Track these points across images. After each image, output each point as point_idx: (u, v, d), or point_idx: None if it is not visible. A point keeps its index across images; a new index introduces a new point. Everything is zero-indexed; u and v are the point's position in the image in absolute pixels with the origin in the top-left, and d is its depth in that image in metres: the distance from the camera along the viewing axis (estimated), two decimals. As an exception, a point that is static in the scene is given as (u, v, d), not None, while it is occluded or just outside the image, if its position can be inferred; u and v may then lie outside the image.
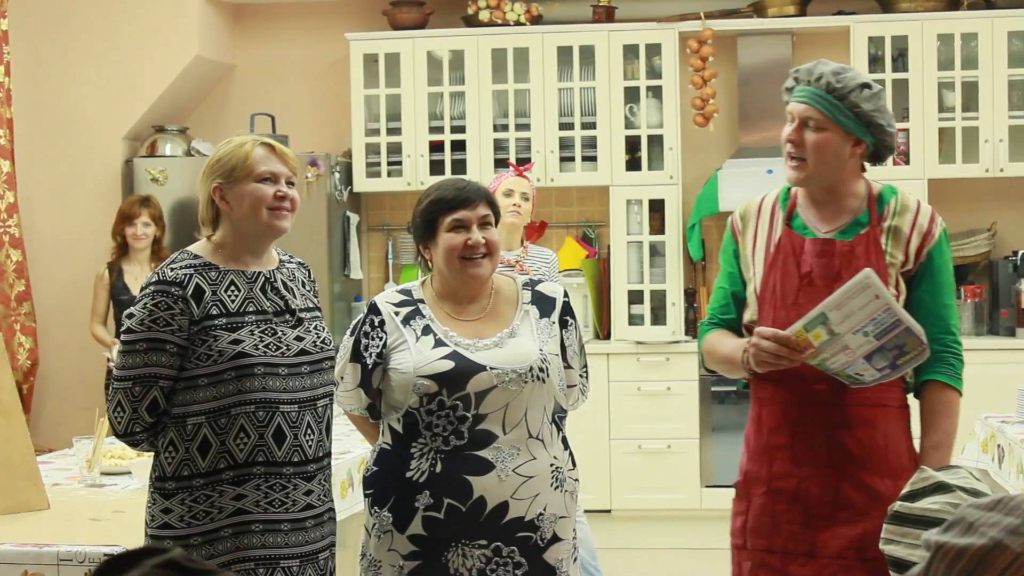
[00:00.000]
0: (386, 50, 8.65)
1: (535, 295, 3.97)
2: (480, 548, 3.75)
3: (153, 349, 3.58)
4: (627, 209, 8.49)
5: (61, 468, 5.10)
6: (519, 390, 3.77)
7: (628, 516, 8.23)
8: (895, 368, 3.42)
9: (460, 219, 3.84)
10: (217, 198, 3.70)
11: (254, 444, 3.61)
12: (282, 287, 3.77)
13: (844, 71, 3.73)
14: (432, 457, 3.75)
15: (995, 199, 8.60)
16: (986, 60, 8.23)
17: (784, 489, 3.70)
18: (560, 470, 3.86)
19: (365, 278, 8.96)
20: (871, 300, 3.40)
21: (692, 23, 8.46)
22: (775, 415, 3.74)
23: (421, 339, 3.81)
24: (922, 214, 3.77)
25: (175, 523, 3.60)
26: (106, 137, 8.68)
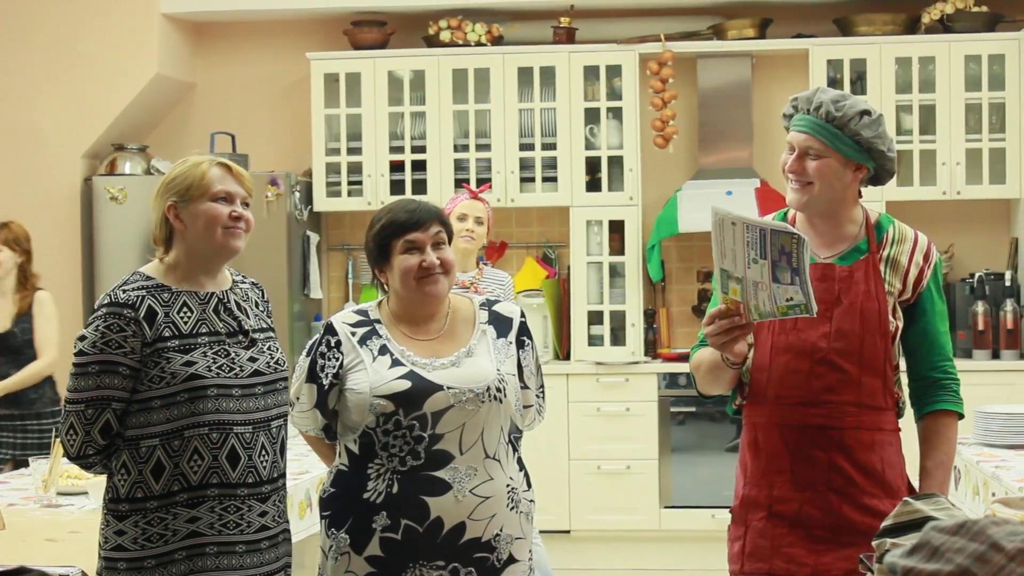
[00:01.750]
0: (347, 70, 8.65)
1: (492, 315, 3.96)
2: (438, 569, 3.74)
3: (105, 372, 3.55)
4: (587, 230, 8.51)
5: (17, 488, 5.06)
6: (476, 410, 3.76)
7: (587, 537, 8.24)
8: (798, 272, 3.34)
9: (413, 241, 3.82)
10: (172, 217, 3.67)
11: (208, 466, 3.59)
12: (235, 308, 3.75)
13: (843, 99, 3.71)
14: (389, 478, 3.74)
15: (952, 222, 8.65)
16: (943, 84, 8.30)
17: (784, 513, 3.69)
18: (516, 491, 3.85)
19: (325, 297, 8.94)
20: (732, 229, 3.38)
21: (652, 45, 8.49)
22: (773, 440, 3.72)
23: (378, 359, 3.80)
24: (919, 246, 3.82)
25: (128, 545, 3.57)
26: (65, 155, 8.64)
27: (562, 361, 8.55)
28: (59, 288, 8.56)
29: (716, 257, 3.45)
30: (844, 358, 3.67)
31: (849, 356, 3.68)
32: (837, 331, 3.67)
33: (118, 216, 8.44)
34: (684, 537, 8.14)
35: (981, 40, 8.33)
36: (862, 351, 3.69)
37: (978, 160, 8.33)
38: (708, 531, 7.91)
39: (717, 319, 3.50)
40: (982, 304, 8.25)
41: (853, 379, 3.69)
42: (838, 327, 3.68)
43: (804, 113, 3.73)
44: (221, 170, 3.71)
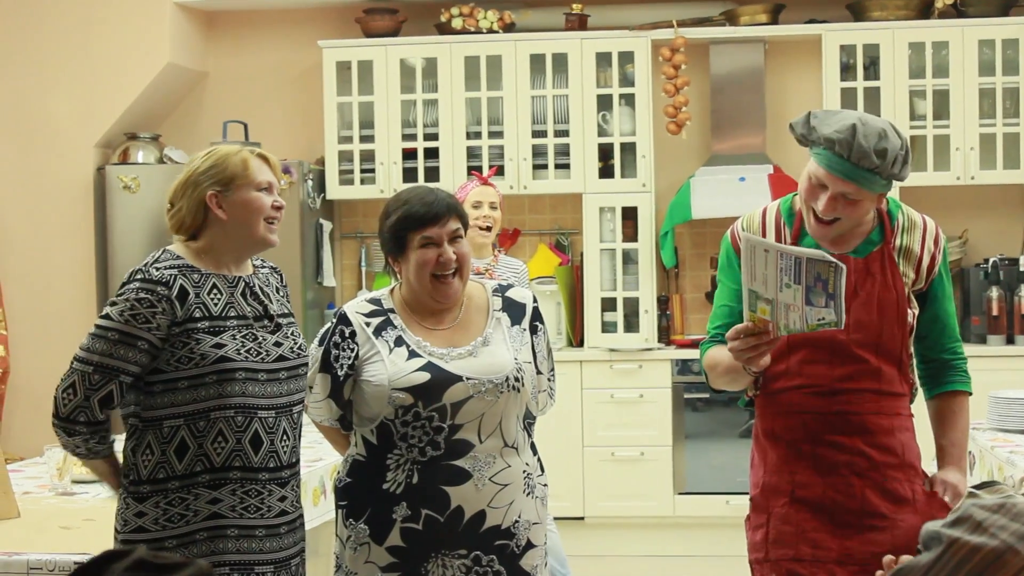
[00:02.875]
0: (359, 58, 8.65)
1: (505, 301, 3.96)
2: (460, 558, 3.75)
3: (124, 343, 3.55)
4: (600, 216, 8.51)
5: (32, 476, 5.08)
6: (495, 400, 3.76)
7: (601, 523, 8.24)
8: (833, 297, 3.34)
9: (431, 236, 3.80)
10: (213, 205, 3.69)
11: (231, 449, 3.61)
12: (260, 292, 3.77)
13: (882, 141, 3.54)
14: (408, 468, 3.74)
15: (966, 207, 8.63)
16: (957, 68, 8.27)
17: (808, 498, 3.68)
18: (531, 476, 3.87)
19: (338, 285, 8.94)
20: (764, 256, 3.38)
21: (665, 31, 8.48)
22: (794, 428, 3.72)
23: (395, 350, 3.78)
24: (929, 232, 3.80)
25: (149, 526, 3.59)
26: (78, 144, 8.65)
27: (576, 348, 8.55)
28: (73, 277, 8.61)
29: (746, 279, 3.45)
30: (863, 349, 3.68)
31: (867, 347, 3.69)
32: (856, 322, 3.66)
33: (131, 205, 8.44)
34: (698, 523, 8.13)
35: (995, 24, 8.30)
36: (880, 341, 3.70)
37: (992, 145, 8.30)
38: (722, 517, 7.91)
39: (743, 335, 3.49)
40: (996, 289, 8.23)
41: (872, 368, 3.69)
42: (856, 318, 3.66)
43: (843, 159, 3.55)
44: (260, 160, 3.76)
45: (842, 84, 8.36)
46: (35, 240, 8.67)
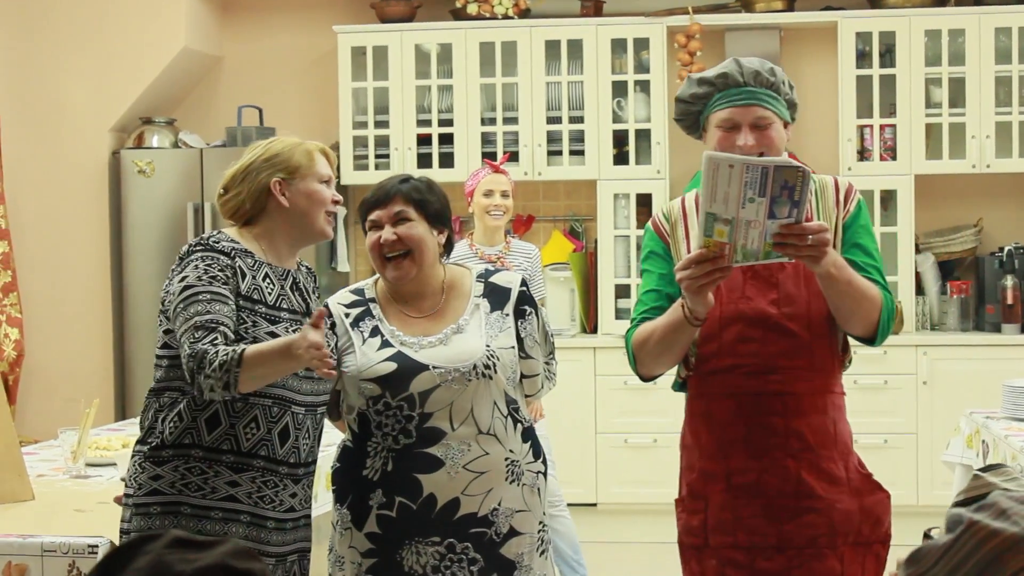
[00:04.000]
0: (374, 43, 8.65)
1: (488, 287, 3.93)
2: (433, 545, 3.75)
3: (216, 300, 3.52)
4: (614, 203, 8.50)
5: (46, 459, 5.10)
6: (463, 388, 3.76)
7: (614, 510, 8.24)
8: (798, 204, 3.35)
9: (375, 219, 3.85)
10: (278, 192, 3.71)
11: (261, 437, 3.63)
12: (303, 289, 3.82)
13: (765, 63, 3.70)
14: (384, 456, 3.76)
15: (982, 195, 8.61)
16: (973, 56, 8.25)
17: (744, 484, 3.67)
18: (517, 463, 3.84)
19: (352, 271, 8.95)
20: (728, 172, 3.35)
21: (680, 18, 8.46)
22: (728, 410, 3.70)
23: (368, 341, 3.81)
24: (841, 188, 3.79)
25: (165, 489, 3.59)
26: (93, 128, 8.67)
27: (589, 335, 8.54)
28: (88, 261, 8.63)
29: (704, 202, 3.38)
30: (794, 322, 3.65)
31: (798, 320, 3.65)
32: (785, 296, 3.66)
33: (146, 189, 8.46)
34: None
35: (1011, 12, 8.27)
36: (810, 314, 3.66)
37: (1008, 133, 8.28)
38: (735, 505, 7.90)
39: (696, 263, 3.40)
40: (1011, 278, 8.20)
41: (804, 343, 3.66)
42: (785, 292, 3.66)
43: (739, 86, 3.66)
44: (322, 155, 3.81)
45: (858, 71, 8.34)
46: (50, 224, 8.69)
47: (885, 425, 7.88)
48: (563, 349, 8.37)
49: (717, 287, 3.56)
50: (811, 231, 3.37)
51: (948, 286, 8.34)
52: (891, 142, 8.32)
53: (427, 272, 3.88)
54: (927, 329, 8.33)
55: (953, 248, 8.41)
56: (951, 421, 6.60)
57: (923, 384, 7.90)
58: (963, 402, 6.85)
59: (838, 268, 3.52)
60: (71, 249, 8.67)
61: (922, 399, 7.94)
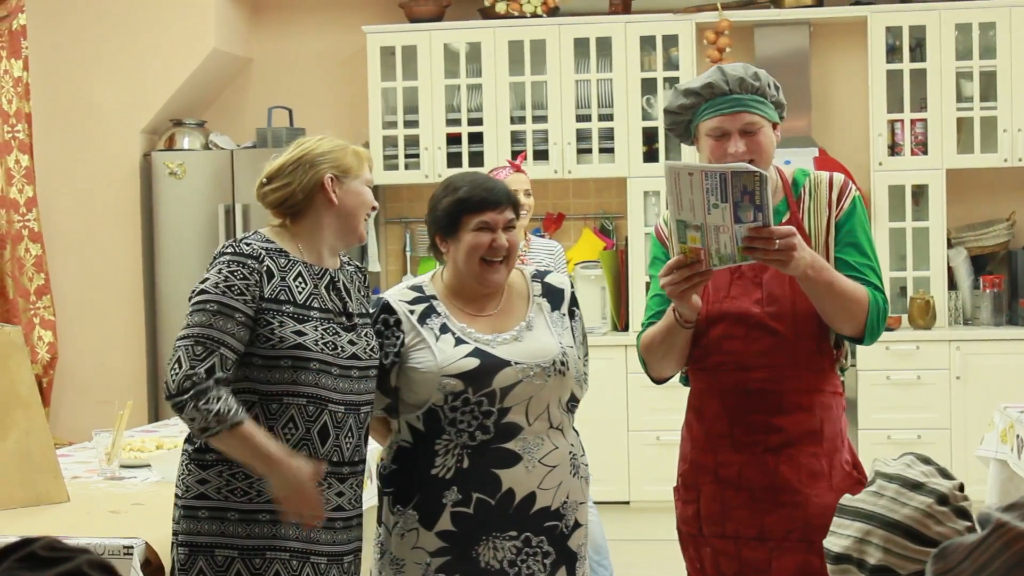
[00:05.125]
0: (403, 43, 8.66)
1: (545, 287, 3.98)
2: (511, 540, 3.77)
3: (222, 314, 3.55)
4: (644, 200, 8.49)
5: (81, 461, 5.11)
6: (543, 383, 3.79)
7: (646, 508, 8.23)
8: (761, 208, 3.37)
9: (487, 221, 3.82)
10: (330, 187, 3.72)
11: (301, 437, 3.62)
12: (342, 288, 3.80)
13: (748, 68, 3.75)
14: (458, 453, 3.76)
15: (1014, 189, 8.57)
16: (1004, 49, 8.21)
17: (728, 477, 3.75)
18: (576, 457, 3.90)
19: (383, 271, 8.96)
20: (689, 180, 3.38)
21: (709, 14, 8.45)
22: (715, 404, 3.78)
23: (441, 338, 3.80)
24: (835, 186, 3.79)
25: (212, 494, 3.61)
26: (124, 131, 8.70)
27: (620, 332, 8.54)
28: (120, 263, 8.66)
29: (672, 210, 3.43)
30: (777, 321, 3.68)
31: (782, 319, 3.69)
32: (769, 296, 3.70)
33: (177, 191, 8.49)
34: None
35: (1042, 5, 8.24)
36: (794, 313, 3.69)
37: (1040, 126, 8.25)
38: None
39: (676, 269, 3.49)
40: (1044, 272, 8.18)
41: (788, 341, 3.69)
42: (769, 292, 3.70)
43: (724, 95, 3.71)
44: (366, 160, 3.85)
45: (888, 66, 8.31)
46: (82, 226, 8.72)
47: (918, 420, 7.85)
48: (594, 347, 8.34)
49: (705, 287, 3.64)
50: (778, 235, 3.40)
51: (981, 280, 8.31)
52: (922, 136, 8.29)
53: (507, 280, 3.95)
54: (960, 324, 8.30)
55: (985, 242, 8.37)
56: (985, 416, 6.56)
57: (956, 379, 7.87)
58: (997, 396, 6.82)
59: (816, 270, 3.54)
60: (103, 252, 8.70)
61: (955, 394, 7.91)
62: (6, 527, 3.95)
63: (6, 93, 8.13)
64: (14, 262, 8.21)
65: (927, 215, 8.27)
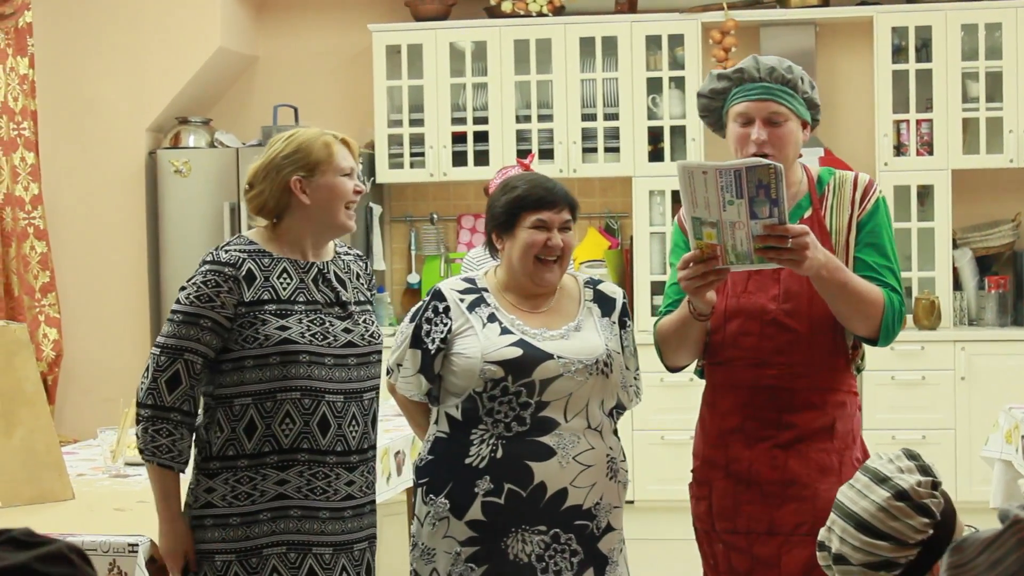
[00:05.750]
0: (409, 41, 8.66)
1: (596, 294, 4.01)
2: (539, 534, 3.79)
3: (188, 323, 3.62)
4: (650, 200, 8.49)
5: (86, 458, 5.12)
6: (584, 381, 3.81)
7: (651, 507, 8.23)
8: (776, 202, 3.38)
9: (544, 220, 3.88)
10: (298, 190, 3.73)
11: (299, 431, 3.65)
12: (334, 279, 3.81)
13: (783, 61, 3.77)
14: (493, 443, 3.78)
15: (1019, 189, 8.57)
16: (1010, 50, 8.20)
17: (739, 472, 3.77)
18: (615, 461, 3.92)
19: (388, 269, 8.97)
20: (703, 178, 3.40)
21: (715, 14, 8.45)
22: (727, 400, 3.81)
23: (488, 326, 3.84)
24: (859, 185, 3.81)
25: (217, 502, 3.65)
26: (130, 129, 8.70)
27: (625, 332, 8.52)
28: (125, 261, 8.66)
29: (687, 207, 3.46)
30: (793, 318, 3.70)
31: (798, 316, 3.71)
32: (785, 292, 3.71)
33: (183, 189, 8.49)
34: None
35: (1049, 5, 8.24)
36: (811, 311, 3.71)
37: (1046, 127, 8.24)
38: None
39: (692, 263, 3.52)
40: (1049, 273, 8.17)
41: (803, 339, 3.71)
42: (786, 288, 3.72)
43: (754, 81, 3.74)
44: (343, 145, 3.81)
45: (894, 67, 8.30)
46: (88, 224, 8.73)
47: (923, 421, 7.84)
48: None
49: (725, 285, 3.69)
50: (791, 233, 3.42)
51: (986, 281, 8.30)
52: (928, 137, 8.28)
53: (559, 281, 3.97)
54: (965, 324, 8.29)
55: (991, 243, 8.37)
56: (990, 416, 6.56)
57: (961, 379, 7.86)
58: (1002, 397, 6.81)
59: (830, 271, 3.55)
60: (109, 249, 8.71)
61: (960, 394, 7.90)
62: (11, 524, 3.94)
63: (12, 90, 8.14)
64: (19, 259, 8.21)
65: (932, 215, 8.26)
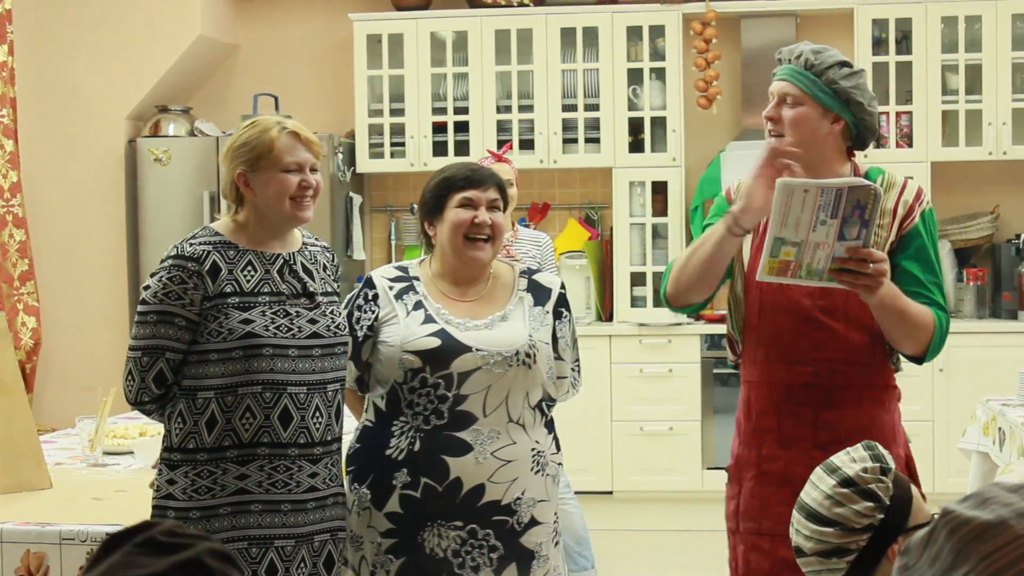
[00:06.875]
0: (390, 31, 8.64)
1: (531, 283, 3.99)
2: (455, 529, 3.78)
3: (163, 322, 3.62)
4: (630, 191, 8.50)
5: (64, 447, 5.11)
6: (503, 373, 3.79)
7: (630, 498, 8.25)
8: (867, 225, 3.40)
9: (470, 198, 3.87)
10: (241, 184, 3.72)
11: (259, 425, 3.63)
12: (300, 270, 3.78)
13: (824, 50, 3.73)
14: (412, 436, 3.78)
15: (998, 182, 8.59)
16: (990, 43, 8.22)
17: (772, 472, 3.73)
18: (542, 454, 3.88)
19: (368, 259, 8.96)
20: (803, 197, 3.40)
21: (696, 5, 8.45)
22: (763, 398, 3.77)
23: (412, 314, 3.84)
24: (908, 191, 3.79)
25: (178, 495, 3.64)
26: (109, 117, 8.68)
27: (604, 323, 8.54)
28: (104, 249, 8.65)
29: (774, 227, 3.45)
30: (829, 315, 3.69)
31: (834, 313, 3.69)
32: (822, 289, 3.67)
33: (162, 177, 8.47)
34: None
35: (1028, -1, 8.26)
36: (847, 307, 3.70)
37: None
38: (751, 492, 7.90)
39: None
40: (1028, 265, 8.20)
41: (840, 335, 3.70)
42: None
43: (786, 63, 3.76)
44: (291, 138, 3.74)
45: (874, 58, 8.31)
46: (67, 212, 8.70)
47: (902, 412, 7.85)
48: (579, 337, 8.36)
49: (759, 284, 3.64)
50: (873, 259, 3.43)
51: (964, 273, 8.32)
52: (907, 129, 8.30)
53: (491, 261, 3.95)
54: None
55: (969, 235, 8.39)
56: (967, 408, 6.59)
57: (939, 371, 7.89)
58: (979, 389, 6.83)
59: (891, 298, 3.56)
60: (88, 237, 8.69)
61: (938, 386, 7.93)
62: (-12, 513, 3.94)
63: (-9, 78, 8.11)
64: (-2, 247, 8.18)
65: (912, 207, 8.27)
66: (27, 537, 3.79)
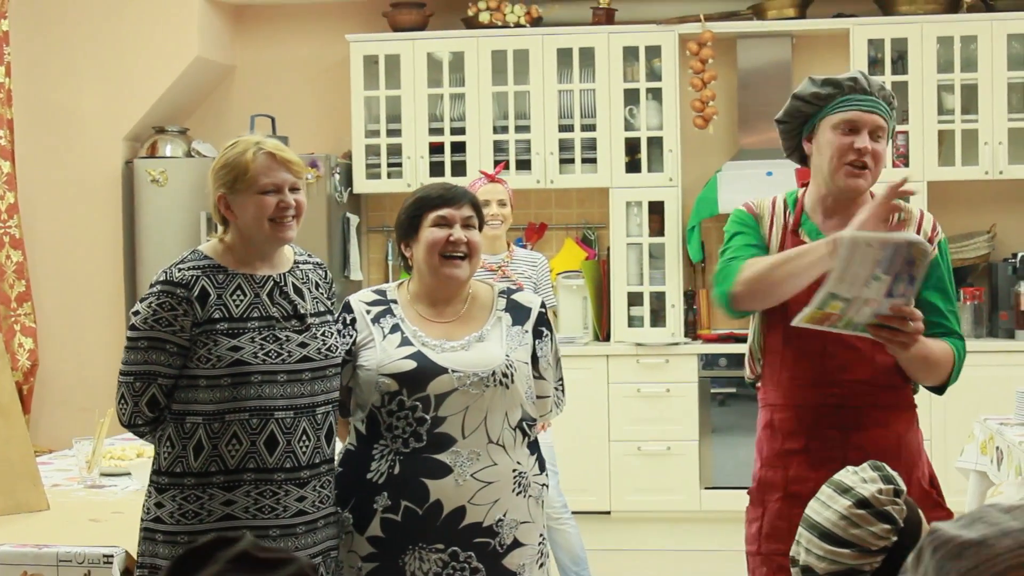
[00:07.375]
0: (386, 52, 8.66)
1: (510, 303, 3.98)
2: (437, 552, 3.76)
3: (153, 348, 3.62)
4: (627, 211, 8.50)
5: (61, 469, 5.10)
6: (480, 394, 3.77)
7: (627, 518, 8.24)
8: (914, 281, 3.42)
9: (444, 216, 3.87)
10: (222, 207, 3.71)
11: (245, 451, 3.61)
12: (292, 291, 3.76)
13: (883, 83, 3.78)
14: (391, 459, 3.77)
15: (994, 201, 8.60)
16: (985, 63, 8.24)
17: (801, 493, 3.70)
18: (524, 475, 3.86)
19: (365, 279, 8.96)
20: (866, 251, 3.39)
21: (692, 25, 8.46)
22: (790, 421, 3.76)
23: (388, 337, 3.83)
24: (925, 222, 3.82)
25: (166, 518, 3.63)
26: (106, 138, 8.68)
27: (602, 342, 8.55)
28: (101, 270, 8.64)
29: (831, 283, 3.42)
30: (856, 337, 3.67)
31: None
32: None
33: (159, 199, 8.47)
34: (724, 518, 8.12)
35: (1023, 18, 8.26)
36: None
37: (1020, 139, 8.27)
38: (748, 512, 7.89)
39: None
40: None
41: (866, 357, 3.71)
42: None
43: (865, 93, 3.73)
44: (267, 159, 3.70)
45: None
46: (64, 234, 8.70)
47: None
48: (576, 357, 8.39)
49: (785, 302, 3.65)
50: (914, 318, 3.47)
51: (961, 292, 8.32)
52: (903, 149, 8.32)
53: (469, 280, 3.94)
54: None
55: (966, 254, 8.39)
56: (965, 427, 6.58)
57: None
58: (977, 408, 6.84)
59: (918, 348, 3.59)
60: (85, 259, 8.68)
61: (935, 405, 7.92)
62: (-14, 535, 3.94)
63: (-12, 99, 8.11)
64: (-5, 269, 8.18)
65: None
66: (24, 559, 3.78)
